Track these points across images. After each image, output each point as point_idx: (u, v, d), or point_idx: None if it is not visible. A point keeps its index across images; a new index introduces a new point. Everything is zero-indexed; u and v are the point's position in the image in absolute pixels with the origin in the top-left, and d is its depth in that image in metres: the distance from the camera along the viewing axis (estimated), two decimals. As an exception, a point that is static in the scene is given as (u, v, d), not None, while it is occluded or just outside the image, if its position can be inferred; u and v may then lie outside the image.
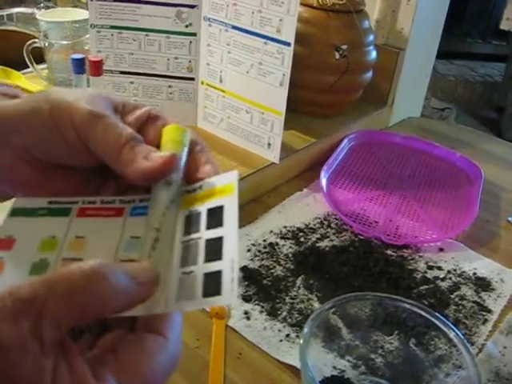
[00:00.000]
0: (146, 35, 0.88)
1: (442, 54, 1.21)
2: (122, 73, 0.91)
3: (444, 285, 0.70)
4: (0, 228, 0.34)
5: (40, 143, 0.35)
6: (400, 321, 0.57)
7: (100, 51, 0.89)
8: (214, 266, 0.29)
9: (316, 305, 0.64)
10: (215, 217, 0.32)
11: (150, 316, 0.29)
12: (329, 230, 0.78)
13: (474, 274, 0.72)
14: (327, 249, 0.74)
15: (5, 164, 0.35)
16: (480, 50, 3.67)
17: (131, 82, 0.91)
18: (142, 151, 0.34)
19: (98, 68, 0.81)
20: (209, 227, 0.32)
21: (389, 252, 0.75)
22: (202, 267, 0.30)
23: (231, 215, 0.31)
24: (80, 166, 0.37)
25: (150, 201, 0.34)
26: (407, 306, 0.56)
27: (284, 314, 0.63)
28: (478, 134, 1.22)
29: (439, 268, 0.73)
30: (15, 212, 0.36)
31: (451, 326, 0.53)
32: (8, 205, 0.36)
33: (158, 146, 0.36)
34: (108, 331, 0.30)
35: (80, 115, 0.34)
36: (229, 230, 0.31)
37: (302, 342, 0.50)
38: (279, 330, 0.61)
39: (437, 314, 0.54)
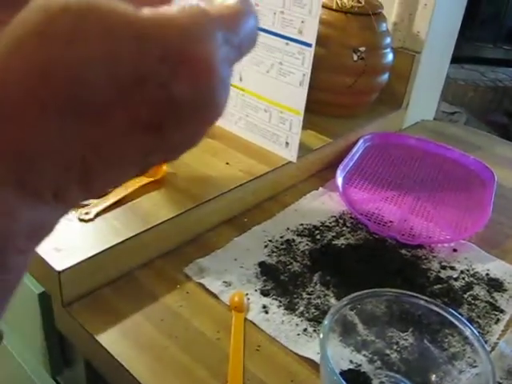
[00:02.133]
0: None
1: (452, 59, 1.22)
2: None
3: (457, 284, 0.71)
4: None
5: None
6: (415, 318, 0.58)
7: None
8: None
9: (332, 300, 0.66)
10: None
11: None
12: (344, 228, 0.79)
13: (487, 274, 0.74)
14: (343, 247, 0.75)
15: None
16: (491, 54, 3.67)
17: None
18: None
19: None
20: None
21: (403, 251, 0.76)
22: None
23: None
24: None
25: None
26: (422, 302, 0.58)
27: (301, 308, 0.64)
28: (490, 138, 1.23)
29: (452, 268, 0.74)
30: None
31: (467, 323, 0.55)
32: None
33: None
34: None
35: None
36: None
37: (321, 335, 0.52)
38: (297, 324, 0.62)
39: (452, 311, 0.56)
